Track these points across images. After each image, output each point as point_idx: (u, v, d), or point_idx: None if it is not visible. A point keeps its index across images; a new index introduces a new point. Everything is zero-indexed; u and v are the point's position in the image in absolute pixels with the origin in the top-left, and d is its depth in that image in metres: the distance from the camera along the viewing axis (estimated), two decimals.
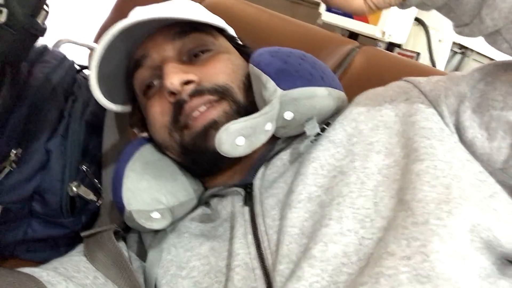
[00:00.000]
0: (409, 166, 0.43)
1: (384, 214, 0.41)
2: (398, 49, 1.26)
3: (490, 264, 0.37)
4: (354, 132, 0.50)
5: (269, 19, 0.97)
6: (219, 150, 0.46)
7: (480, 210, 0.38)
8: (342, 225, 0.41)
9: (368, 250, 0.39)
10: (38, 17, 0.46)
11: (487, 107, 0.44)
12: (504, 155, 0.43)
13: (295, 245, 0.43)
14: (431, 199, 0.39)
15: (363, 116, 0.51)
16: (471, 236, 0.37)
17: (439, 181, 0.40)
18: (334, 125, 0.52)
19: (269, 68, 0.52)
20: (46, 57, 0.68)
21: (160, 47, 0.57)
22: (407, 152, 0.45)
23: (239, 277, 0.44)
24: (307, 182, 0.47)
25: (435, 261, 0.35)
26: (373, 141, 0.47)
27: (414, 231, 0.37)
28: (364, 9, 0.43)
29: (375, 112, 0.51)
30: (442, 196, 0.39)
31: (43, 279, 0.45)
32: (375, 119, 0.50)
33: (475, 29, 0.41)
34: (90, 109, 0.69)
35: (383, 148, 0.46)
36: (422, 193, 0.39)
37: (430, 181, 0.40)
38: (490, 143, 0.43)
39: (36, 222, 0.62)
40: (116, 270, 0.51)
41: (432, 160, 0.42)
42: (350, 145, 0.48)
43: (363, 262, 0.39)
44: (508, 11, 0.38)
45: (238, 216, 0.50)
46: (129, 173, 0.55)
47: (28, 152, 0.59)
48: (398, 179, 0.43)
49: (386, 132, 0.48)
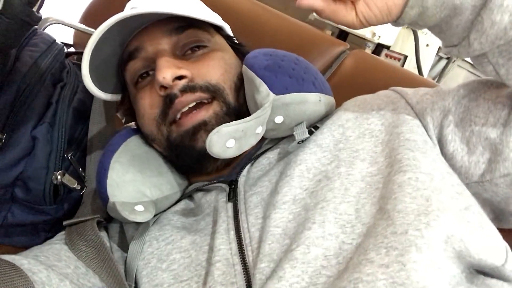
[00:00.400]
0: (391, 176, 0.44)
1: (365, 220, 0.42)
2: (386, 51, 1.28)
3: (459, 272, 0.39)
4: (341, 138, 0.51)
5: (261, 13, 0.97)
6: (210, 151, 0.47)
7: (455, 222, 0.40)
8: (324, 229, 0.42)
9: (347, 254, 0.41)
10: (34, 6, 0.45)
11: (470, 122, 0.46)
12: (481, 170, 0.45)
13: (277, 245, 0.44)
14: (411, 210, 0.40)
15: (351, 123, 0.52)
16: (444, 246, 0.38)
17: (419, 192, 0.41)
18: (322, 129, 0.53)
19: (263, 72, 0.53)
20: (35, 41, 0.66)
21: (155, 41, 0.57)
22: (390, 161, 0.46)
23: (219, 272, 0.45)
24: (292, 184, 0.48)
25: (411, 270, 0.36)
26: (359, 149, 0.49)
27: (393, 240, 0.38)
28: (356, 23, 0.44)
29: (363, 120, 0.52)
30: (421, 208, 0.40)
31: (24, 267, 0.44)
32: (362, 127, 0.51)
33: (463, 50, 0.43)
34: (78, 96, 0.68)
35: (367, 156, 0.48)
36: (403, 204, 0.41)
37: (411, 193, 0.42)
38: (469, 157, 0.46)
39: (16, 207, 0.61)
40: (97, 260, 0.51)
41: (414, 172, 0.43)
42: (337, 150, 0.50)
43: (342, 265, 0.40)
44: (494, 37, 0.39)
45: (221, 211, 0.51)
46: (114, 164, 0.55)
47: (13, 138, 0.58)
48: (380, 188, 0.44)
49: (372, 141, 0.49)
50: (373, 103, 0.54)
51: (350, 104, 0.56)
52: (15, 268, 0.44)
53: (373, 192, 0.45)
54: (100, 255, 0.51)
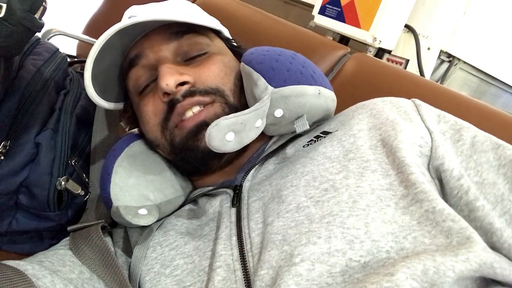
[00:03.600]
0: (407, 205, 0.42)
1: (375, 237, 0.40)
2: (387, 55, 1.28)
3: (472, 282, 0.38)
4: (351, 147, 0.49)
5: (262, 20, 0.98)
6: (209, 145, 0.47)
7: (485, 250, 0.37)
8: (330, 245, 0.40)
9: (353, 273, 0.39)
10: (36, 13, 0.46)
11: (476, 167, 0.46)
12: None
13: (276, 251, 0.43)
14: (430, 251, 0.38)
15: (363, 133, 0.51)
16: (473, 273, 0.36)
17: (439, 228, 0.39)
18: (333, 141, 0.52)
19: (260, 66, 0.53)
20: (38, 49, 0.67)
21: (156, 47, 0.57)
22: (404, 180, 0.44)
23: (219, 277, 0.44)
24: (297, 193, 0.47)
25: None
26: (370, 159, 0.47)
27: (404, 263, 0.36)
28: None
29: (375, 131, 0.50)
30: (442, 247, 0.38)
31: (28, 273, 0.44)
32: (375, 139, 0.50)
33: None
34: (81, 103, 0.69)
35: (379, 167, 0.46)
36: (423, 246, 0.39)
37: (430, 231, 0.40)
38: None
39: (21, 214, 0.61)
40: (102, 265, 0.51)
41: (430, 201, 0.41)
42: (346, 160, 0.48)
43: (347, 284, 0.38)
44: None
45: (225, 217, 0.51)
46: (118, 169, 0.55)
47: (17, 144, 0.58)
48: (393, 207, 0.42)
49: (384, 152, 0.48)
50: (390, 114, 0.52)
51: (365, 114, 0.54)
52: (20, 273, 0.44)
53: (383, 208, 0.42)
54: (105, 260, 0.51)
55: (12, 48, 0.46)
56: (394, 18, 1.18)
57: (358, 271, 0.38)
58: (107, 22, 1.19)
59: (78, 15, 1.36)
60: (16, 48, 0.47)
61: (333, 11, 1.27)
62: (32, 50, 0.66)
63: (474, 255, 0.36)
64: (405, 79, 0.77)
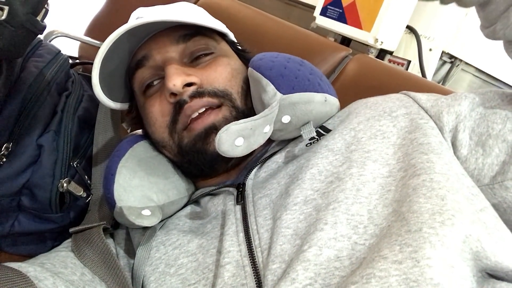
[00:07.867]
0: (406, 181, 0.44)
1: (377, 221, 0.42)
2: (389, 56, 1.28)
3: (471, 276, 0.38)
4: (353, 140, 0.51)
5: (263, 21, 0.98)
6: (219, 149, 0.48)
7: (472, 222, 0.39)
8: (336, 231, 0.42)
9: (360, 255, 0.40)
10: (38, 15, 0.46)
11: (486, 127, 0.47)
12: (494, 171, 0.46)
13: (288, 246, 0.44)
14: (425, 209, 0.40)
15: (362, 125, 0.52)
16: (462, 246, 0.38)
17: (434, 192, 0.41)
18: (334, 134, 0.53)
19: (270, 73, 0.54)
20: (40, 51, 0.67)
21: (163, 49, 0.58)
22: (403, 166, 0.46)
23: (229, 274, 0.45)
24: (303, 187, 0.48)
25: (425, 266, 0.35)
26: (371, 149, 0.49)
27: (407, 238, 0.38)
28: None
29: (374, 122, 0.52)
30: (436, 207, 0.39)
31: (30, 274, 0.44)
32: (374, 128, 0.51)
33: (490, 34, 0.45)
34: (83, 105, 0.69)
35: (379, 157, 0.48)
36: (417, 204, 0.40)
37: (425, 193, 0.41)
38: (484, 159, 0.46)
39: (23, 216, 0.61)
40: (103, 267, 0.51)
41: (428, 173, 0.43)
42: (348, 152, 0.50)
43: (355, 266, 0.39)
44: None
45: (230, 214, 0.51)
46: (121, 169, 0.55)
47: (19, 146, 0.58)
48: (393, 190, 0.44)
49: (384, 142, 0.49)
50: (385, 105, 0.55)
51: (362, 107, 0.56)
52: (22, 275, 0.44)
53: (384, 194, 0.44)
54: (107, 262, 0.51)
55: (14, 51, 0.46)
56: (396, 19, 1.18)
57: (364, 253, 0.40)
58: (108, 24, 1.19)
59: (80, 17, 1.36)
60: (18, 50, 0.47)
61: (335, 12, 1.27)
62: (34, 52, 0.67)
63: (461, 223, 0.38)
64: (407, 80, 0.77)
